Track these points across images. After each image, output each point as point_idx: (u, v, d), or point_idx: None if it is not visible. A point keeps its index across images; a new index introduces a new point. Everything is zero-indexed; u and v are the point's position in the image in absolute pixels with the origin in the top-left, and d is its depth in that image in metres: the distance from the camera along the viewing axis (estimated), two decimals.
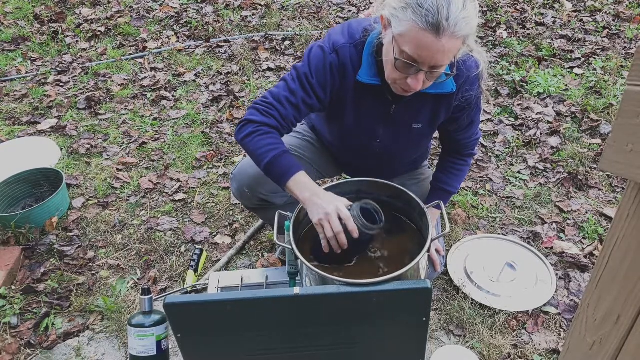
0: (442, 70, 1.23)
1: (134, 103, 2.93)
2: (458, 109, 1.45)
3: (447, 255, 1.90)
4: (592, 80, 2.88)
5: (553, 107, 2.74)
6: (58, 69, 3.24)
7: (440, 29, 1.11)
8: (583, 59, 3.12)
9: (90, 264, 1.94)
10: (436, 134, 1.67)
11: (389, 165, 1.66)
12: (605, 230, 2.03)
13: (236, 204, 2.20)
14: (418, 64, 1.19)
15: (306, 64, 1.38)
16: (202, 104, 2.90)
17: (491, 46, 3.32)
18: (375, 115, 1.45)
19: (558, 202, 2.18)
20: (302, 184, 1.29)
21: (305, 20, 3.65)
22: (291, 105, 1.37)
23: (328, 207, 1.22)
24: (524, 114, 2.72)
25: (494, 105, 2.82)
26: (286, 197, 1.63)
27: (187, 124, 2.75)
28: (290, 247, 1.25)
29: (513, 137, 2.57)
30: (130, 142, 2.62)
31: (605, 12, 3.62)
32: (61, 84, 3.11)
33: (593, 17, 3.58)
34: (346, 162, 1.75)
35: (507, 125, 2.67)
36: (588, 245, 1.96)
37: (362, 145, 1.55)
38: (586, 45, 3.27)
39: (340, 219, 1.21)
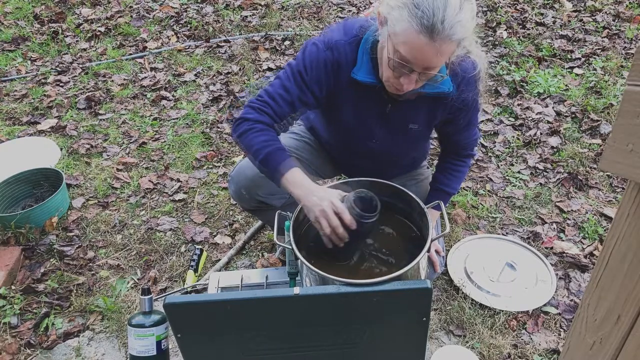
0: (435, 72, 1.23)
1: (134, 103, 2.93)
2: (454, 109, 1.45)
3: (447, 255, 1.90)
4: (592, 80, 2.88)
5: (553, 107, 2.74)
6: (58, 69, 3.24)
7: (435, 32, 1.10)
8: (583, 59, 3.12)
9: (90, 264, 1.94)
10: (435, 134, 1.67)
11: (387, 166, 1.66)
12: (605, 230, 2.03)
13: (236, 204, 2.20)
14: (411, 65, 1.19)
15: (300, 61, 1.38)
16: (202, 104, 2.90)
17: (491, 46, 3.32)
18: (372, 115, 1.45)
19: (558, 202, 2.18)
20: (295, 180, 1.28)
21: (305, 20, 3.65)
22: (285, 103, 1.38)
23: (322, 202, 1.21)
24: (524, 114, 2.72)
25: (494, 105, 2.82)
26: (284, 198, 1.62)
27: (187, 124, 2.75)
28: (290, 247, 1.25)
29: (513, 137, 2.57)
30: (130, 142, 2.62)
31: (605, 12, 3.62)
32: (61, 84, 3.11)
33: (593, 17, 3.58)
34: (344, 162, 1.75)
35: (507, 125, 2.67)
36: (588, 245, 1.96)
37: (359, 145, 1.55)
38: (586, 45, 3.27)
39: (336, 213, 1.20)
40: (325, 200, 1.22)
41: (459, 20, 1.11)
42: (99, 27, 3.63)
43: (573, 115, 2.68)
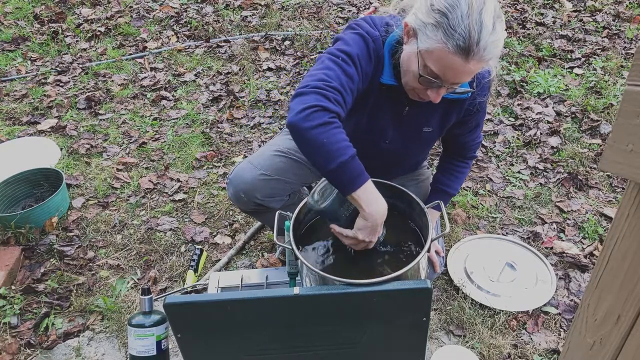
0: (460, 84, 1.23)
1: (134, 103, 2.93)
2: (468, 112, 1.46)
3: (447, 255, 1.90)
4: (592, 80, 2.88)
5: (553, 107, 2.74)
6: (58, 69, 3.24)
7: (470, 53, 1.10)
8: (583, 59, 3.12)
9: (90, 264, 1.94)
10: None
11: (392, 166, 1.65)
12: (605, 230, 2.03)
13: None
14: (441, 81, 1.19)
15: (353, 47, 1.25)
16: (202, 104, 2.90)
17: None
18: (388, 116, 1.44)
19: (558, 202, 2.18)
20: (373, 194, 1.17)
21: (305, 20, 3.64)
22: (351, 93, 1.22)
23: (375, 236, 1.22)
24: (524, 114, 2.72)
25: (494, 105, 2.81)
26: (283, 201, 1.61)
27: (187, 124, 2.75)
28: (290, 247, 1.25)
29: (513, 137, 2.57)
30: (130, 142, 2.62)
31: (605, 12, 3.62)
32: (61, 84, 3.11)
33: (593, 17, 3.58)
34: None
35: (507, 125, 2.67)
36: (588, 245, 1.96)
37: (369, 146, 1.51)
38: (586, 45, 3.27)
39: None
40: (377, 235, 1.23)
41: (493, 41, 1.11)
42: (99, 27, 3.63)
43: (573, 115, 2.68)
